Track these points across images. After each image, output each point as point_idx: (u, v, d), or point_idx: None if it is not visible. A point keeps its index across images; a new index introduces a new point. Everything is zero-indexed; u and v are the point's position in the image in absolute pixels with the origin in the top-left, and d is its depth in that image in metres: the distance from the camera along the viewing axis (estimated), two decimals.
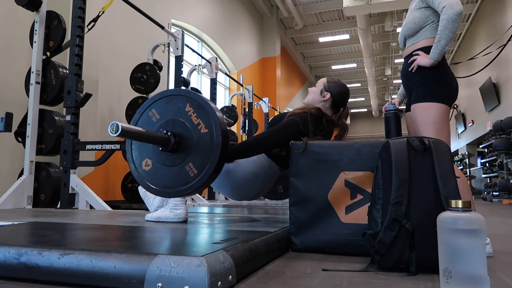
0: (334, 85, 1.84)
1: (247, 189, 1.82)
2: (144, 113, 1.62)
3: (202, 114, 1.51)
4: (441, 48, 1.63)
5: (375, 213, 1.18)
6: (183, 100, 1.54)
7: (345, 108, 1.87)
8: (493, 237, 1.89)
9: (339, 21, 12.63)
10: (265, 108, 8.35)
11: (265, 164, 1.78)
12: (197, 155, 1.49)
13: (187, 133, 1.52)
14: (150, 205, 2.08)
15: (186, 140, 1.51)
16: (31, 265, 0.95)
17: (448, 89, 1.67)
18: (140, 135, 1.42)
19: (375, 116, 21.53)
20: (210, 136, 1.48)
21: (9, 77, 3.84)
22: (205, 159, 1.48)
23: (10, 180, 3.55)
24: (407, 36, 1.82)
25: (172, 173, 1.53)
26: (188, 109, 1.52)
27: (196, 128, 1.51)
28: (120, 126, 1.28)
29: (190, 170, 1.50)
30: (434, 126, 1.63)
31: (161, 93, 1.61)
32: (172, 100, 1.56)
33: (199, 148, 1.49)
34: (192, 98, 1.53)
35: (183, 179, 1.51)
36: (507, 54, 8.64)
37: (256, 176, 1.78)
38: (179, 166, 1.52)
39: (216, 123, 1.48)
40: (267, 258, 1.23)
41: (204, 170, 1.48)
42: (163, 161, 1.55)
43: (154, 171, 1.56)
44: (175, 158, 1.53)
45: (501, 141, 8.23)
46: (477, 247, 0.85)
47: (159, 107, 1.59)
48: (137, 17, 4.41)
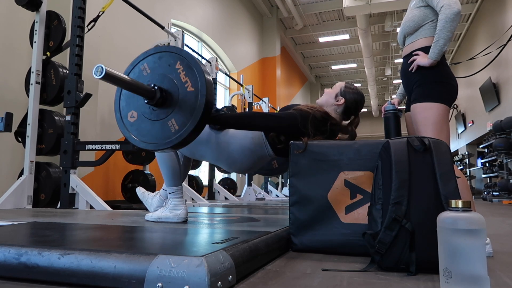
0: (350, 91, 1.82)
1: (241, 162, 1.83)
2: (136, 66, 1.65)
3: (191, 74, 1.53)
4: (440, 48, 1.63)
5: (375, 213, 1.18)
6: (174, 58, 1.56)
7: (356, 116, 1.86)
8: (493, 237, 1.89)
9: (339, 21, 12.64)
10: (265, 108, 8.35)
11: (262, 144, 1.79)
12: (181, 112, 1.52)
13: (174, 89, 1.54)
14: (149, 206, 2.08)
15: (172, 96, 1.54)
16: (31, 265, 0.95)
17: (448, 89, 1.67)
18: (124, 82, 1.44)
19: (375, 116, 21.52)
20: (195, 96, 1.50)
21: (9, 77, 3.84)
22: (188, 117, 1.51)
23: (10, 180, 3.55)
24: (406, 34, 1.82)
25: (154, 127, 1.57)
26: (178, 67, 1.55)
27: (183, 86, 1.53)
28: (105, 68, 1.30)
29: (172, 126, 1.53)
30: (434, 126, 1.63)
31: (155, 48, 1.64)
32: (164, 57, 1.59)
33: (183, 105, 1.52)
34: (184, 56, 1.55)
35: (164, 134, 1.55)
36: (507, 54, 8.64)
37: (251, 152, 1.80)
38: (162, 120, 1.55)
39: (203, 84, 1.50)
40: (267, 258, 1.23)
41: (185, 127, 1.51)
42: (148, 114, 1.58)
43: (138, 123, 1.60)
44: (159, 113, 1.56)
45: (501, 141, 8.23)
46: (477, 247, 0.85)
47: (151, 62, 1.61)
48: (137, 17, 4.41)
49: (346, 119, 1.85)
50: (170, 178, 1.84)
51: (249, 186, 6.56)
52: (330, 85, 17.85)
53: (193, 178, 5.84)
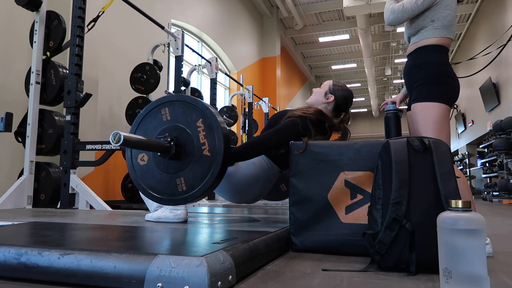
0: (339, 88, 1.84)
1: (247, 192, 1.81)
2: (157, 108, 1.58)
3: (211, 136, 1.46)
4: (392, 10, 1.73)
5: (375, 213, 1.18)
6: (197, 114, 1.49)
7: (347, 113, 1.87)
8: (493, 237, 1.89)
9: (339, 21, 12.64)
10: (265, 108, 8.36)
11: (264, 165, 1.78)
12: (191, 173, 1.47)
13: (190, 148, 1.48)
14: (150, 205, 2.08)
15: (186, 154, 1.48)
16: (31, 265, 0.95)
17: (449, 89, 1.66)
18: (141, 145, 1.40)
19: (375, 116, 21.54)
20: (210, 162, 1.45)
21: (9, 77, 3.84)
22: (197, 181, 1.45)
23: (10, 180, 3.55)
24: (409, 34, 1.83)
25: (162, 179, 1.52)
26: (199, 125, 1.48)
27: (200, 147, 1.47)
28: (122, 136, 1.25)
29: (179, 185, 1.48)
30: (434, 126, 1.63)
31: (180, 96, 1.57)
32: (188, 108, 1.51)
33: (195, 167, 1.46)
34: (208, 116, 1.48)
35: (170, 190, 1.50)
36: (507, 54, 8.64)
37: (256, 178, 1.78)
38: (171, 175, 1.50)
39: (220, 152, 1.43)
40: (267, 258, 1.23)
41: (192, 191, 1.46)
42: (158, 164, 1.52)
43: (147, 169, 1.55)
44: (170, 166, 1.50)
45: (501, 141, 8.23)
46: (477, 247, 0.85)
47: (174, 109, 1.54)
48: (137, 17, 4.41)
49: (337, 116, 1.86)
50: None
51: None
52: None
53: None
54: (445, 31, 1.71)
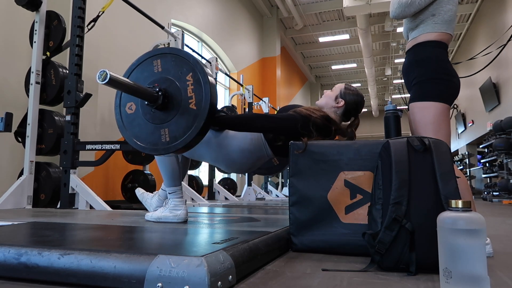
0: (350, 93, 1.81)
1: (240, 163, 1.84)
2: (150, 59, 1.61)
3: (198, 90, 1.49)
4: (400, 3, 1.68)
5: (375, 213, 1.18)
6: (188, 68, 1.52)
7: (356, 118, 1.85)
8: (493, 237, 1.89)
9: (339, 21, 12.63)
10: (265, 108, 8.35)
11: (260, 145, 1.80)
12: (176, 125, 1.50)
13: (177, 99, 1.51)
14: (149, 206, 2.08)
15: (173, 105, 1.52)
16: (31, 265, 0.95)
17: (448, 87, 1.61)
18: (128, 88, 1.42)
19: (375, 116, 21.53)
20: (195, 115, 1.48)
21: (9, 77, 3.84)
22: (181, 133, 1.49)
23: (10, 180, 3.55)
24: (407, 29, 1.79)
25: (147, 128, 1.55)
26: (189, 79, 1.51)
27: (187, 100, 1.50)
28: (109, 74, 1.28)
29: (163, 135, 1.52)
30: (432, 126, 1.59)
31: (173, 49, 1.60)
32: (179, 62, 1.54)
33: (180, 120, 1.50)
34: (198, 71, 1.51)
35: (153, 139, 1.53)
36: (507, 54, 8.64)
37: (250, 153, 1.80)
38: (156, 125, 1.54)
39: (206, 107, 1.47)
40: (267, 258, 1.23)
41: (174, 142, 1.49)
42: (145, 113, 1.56)
43: (134, 118, 1.58)
44: (156, 116, 1.54)
45: (501, 141, 8.23)
46: (477, 247, 0.85)
47: (166, 61, 1.57)
48: (137, 17, 4.41)
49: (346, 120, 1.85)
50: (170, 178, 1.84)
51: (249, 186, 6.56)
52: (330, 85, 17.86)
53: (193, 178, 5.84)
54: (445, 26, 1.67)
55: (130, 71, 1.64)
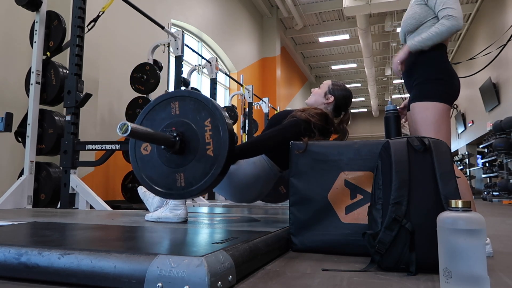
0: (338, 88, 1.83)
1: (247, 191, 1.81)
2: (167, 100, 1.57)
3: (216, 137, 1.45)
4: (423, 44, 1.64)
5: (375, 213, 1.18)
6: (207, 113, 1.49)
7: (346, 112, 1.87)
8: (493, 237, 1.89)
9: (339, 21, 12.64)
10: (265, 108, 8.36)
11: (265, 165, 1.78)
12: (192, 171, 1.47)
13: (194, 145, 1.48)
14: (150, 205, 2.08)
15: (190, 151, 1.48)
16: (31, 265, 0.95)
17: (448, 87, 1.63)
18: (147, 137, 1.40)
19: (375, 116, 21.54)
20: (212, 163, 1.44)
21: (9, 77, 3.84)
22: (197, 180, 1.45)
23: (10, 180, 3.55)
24: (407, 32, 1.78)
25: (162, 171, 1.52)
26: (207, 124, 1.48)
27: (205, 146, 1.46)
28: (130, 127, 1.24)
29: (178, 180, 1.48)
30: (433, 126, 1.60)
31: (193, 92, 1.57)
32: (198, 106, 1.51)
33: (197, 166, 1.46)
34: (217, 117, 1.47)
35: (168, 183, 1.50)
36: (507, 54, 8.64)
37: (257, 178, 1.77)
38: (171, 169, 1.50)
39: (224, 154, 1.43)
40: (267, 258, 1.23)
41: (190, 188, 1.46)
42: (160, 156, 1.53)
43: (149, 159, 1.56)
44: (172, 160, 1.50)
45: (501, 141, 8.23)
46: (477, 247, 0.85)
47: (184, 104, 1.54)
48: (137, 17, 4.41)
49: (337, 115, 1.86)
50: None
51: None
52: None
53: None
54: None
55: (146, 111, 1.60)
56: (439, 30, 1.60)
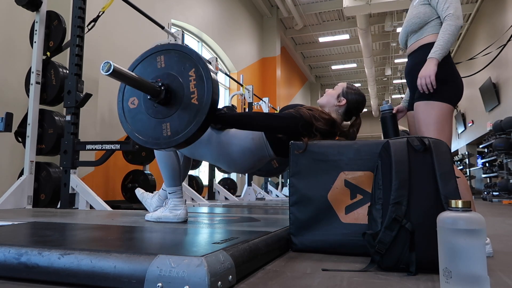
0: (352, 92, 1.81)
1: (240, 162, 1.83)
2: (154, 54, 1.63)
3: (200, 86, 1.51)
4: (445, 50, 1.62)
5: (375, 213, 1.18)
6: (191, 63, 1.54)
7: (357, 117, 1.85)
8: (493, 237, 1.89)
9: (339, 21, 12.63)
10: (265, 108, 8.35)
11: (262, 145, 1.79)
12: (177, 120, 1.52)
13: (179, 95, 1.53)
14: (149, 206, 2.08)
15: (176, 100, 1.53)
16: (31, 265, 0.95)
17: (452, 88, 1.64)
18: (132, 80, 1.45)
19: (375, 116, 21.53)
20: (197, 110, 1.50)
21: (9, 77, 3.84)
22: (182, 127, 1.50)
23: (10, 180, 3.55)
24: (410, 32, 1.78)
25: (149, 123, 1.57)
26: (191, 74, 1.53)
27: (189, 95, 1.52)
28: (113, 65, 1.30)
29: (165, 129, 1.53)
30: (436, 125, 1.61)
31: (177, 45, 1.63)
32: (183, 57, 1.56)
33: (182, 114, 1.51)
34: (200, 66, 1.53)
35: (156, 134, 1.55)
36: (507, 54, 8.64)
37: (251, 153, 1.79)
38: (158, 120, 1.56)
39: (208, 102, 1.48)
40: (267, 258, 1.23)
41: (176, 136, 1.51)
42: (147, 108, 1.58)
43: (136, 112, 1.60)
44: (158, 111, 1.56)
45: (501, 141, 8.23)
46: (477, 247, 0.85)
47: (169, 57, 1.59)
48: (137, 17, 4.41)
49: (347, 119, 1.85)
50: (170, 178, 1.84)
51: (249, 186, 6.56)
52: (330, 85, 17.85)
53: (193, 178, 5.85)
54: None
55: (134, 66, 1.67)
56: (451, 30, 1.61)
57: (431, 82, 1.59)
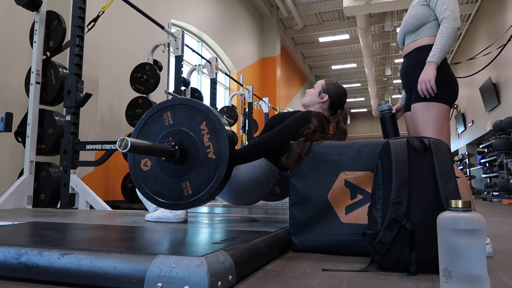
0: (332, 87, 1.85)
1: (247, 194, 1.81)
2: (159, 112, 1.55)
3: (215, 139, 1.45)
4: (444, 53, 1.63)
5: (375, 213, 1.18)
6: (201, 117, 1.48)
7: (342, 110, 1.87)
8: (493, 237, 1.89)
9: (339, 21, 12.63)
10: (265, 108, 8.35)
11: (264, 168, 1.77)
12: (197, 177, 1.45)
13: (194, 151, 1.46)
14: (149, 206, 2.08)
15: (191, 158, 1.46)
16: (31, 265, 0.95)
17: (449, 89, 1.66)
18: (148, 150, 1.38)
19: (375, 116, 21.54)
20: (215, 165, 1.43)
21: (9, 77, 3.84)
22: (203, 185, 1.44)
23: (10, 180, 3.55)
24: (407, 32, 1.79)
25: (167, 183, 1.50)
26: (203, 128, 1.47)
27: (205, 150, 1.45)
28: (130, 142, 1.23)
29: (185, 189, 1.47)
30: (434, 126, 1.62)
31: (182, 99, 1.56)
32: (190, 111, 1.50)
33: (201, 171, 1.45)
34: (211, 118, 1.47)
35: (175, 194, 1.48)
36: (507, 54, 8.64)
37: (256, 181, 1.77)
38: (176, 179, 1.49)
39: (225, 154, 1.42)
40: (267, 258, 1.23)
41: (198, 195, 1.45)
42: (162, 168, 1.50)
43: (151, 174, 1.53)
44: (175, 170, 1.49)
45: (501, 141, 8.23)
46: (477, 247, 0.85)
47: (176, 113, 1.52)
48: (137, 17, 4.41)
49: (333, 113, 1.87)
50: None
51: None
52: None
53: None
54: None
55: (140, 127, 1.58)
56: (449, 33, 1.62)
57: (431, 87, 1.60)
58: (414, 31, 1.76)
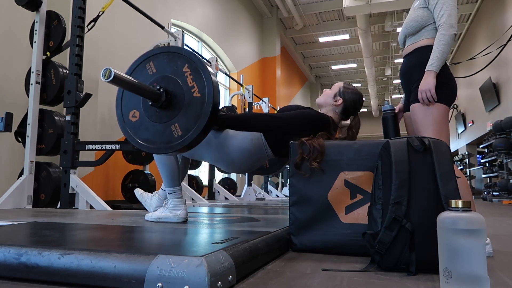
0: (348, 91, 1.84)
1: (240, 163, 1.84)
2: (142, 63, 1.62)
3: (198, 78, 1.51)
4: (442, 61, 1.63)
5: (375, 213, 1.18)
6: (182, 60, 1.54)
7: (355, 116, 1.86)
8: (493, 237, 1.89)
9: (339, 21, 12.64)
10: (265, 108, 8.35)
11: (261, 145, 1.79)
12: (185, 117, 1.51)
13: (179, 93, 1.52)
14: (149, 206, 2.08)
15: (177, 100, 1.52)
16: (31, 265, 0.95)
17: (448, 90, 1.66)
18: (132, 85, 1.43)
19: (375, 116, 21.54)
20: (201, 102, 1.49)
21: (9, 77, 3.84)
22: (192, 123, 1.49)
23: (10, 180, 3.55)
24: (407, 34, 1.80)
25: (156, 129, 1.55)
26: (186, 70, 1.53)
27: (190, 90, 1.51)
28: (113, 72, 1.28)
29: (174, 131, 1.52)
30: (434, 126, 1.63)
31: (163, 47, 1.62)
32: (172, 57, 1.56)
33: (188, 111, 1.50)
34: (192, 60, 1.53)
35: (166, 138, 1.53)
36: (507, 54, 8.64)
37: (249, 153, 1.80)
38: (165, 123, 1.54)
39: (210, 90, 1.48)
40: (267, 258, 1.23)
41: (188, 133, 1.49)
42: (150, 116, 1.56)
43: (140, 124, 1.58)
44: (162, 115, 1.54)
45: (501, 141, 8.23)
46: (477, 247, 0.85)
47: (158, 61, 1.58)
48: (137, 17, 4.41)
49: (345, 118, 1.87)
50: (169, 179, 1.84)
51: (249, 186, 6.56)
52: (330, 85, 17.74)
53: (193, 178, 5.85)
54: None
55: None
56: (445, 40, 1.63)
57: (432, 96, 1.61)
58: (415, 34, 1.77)
